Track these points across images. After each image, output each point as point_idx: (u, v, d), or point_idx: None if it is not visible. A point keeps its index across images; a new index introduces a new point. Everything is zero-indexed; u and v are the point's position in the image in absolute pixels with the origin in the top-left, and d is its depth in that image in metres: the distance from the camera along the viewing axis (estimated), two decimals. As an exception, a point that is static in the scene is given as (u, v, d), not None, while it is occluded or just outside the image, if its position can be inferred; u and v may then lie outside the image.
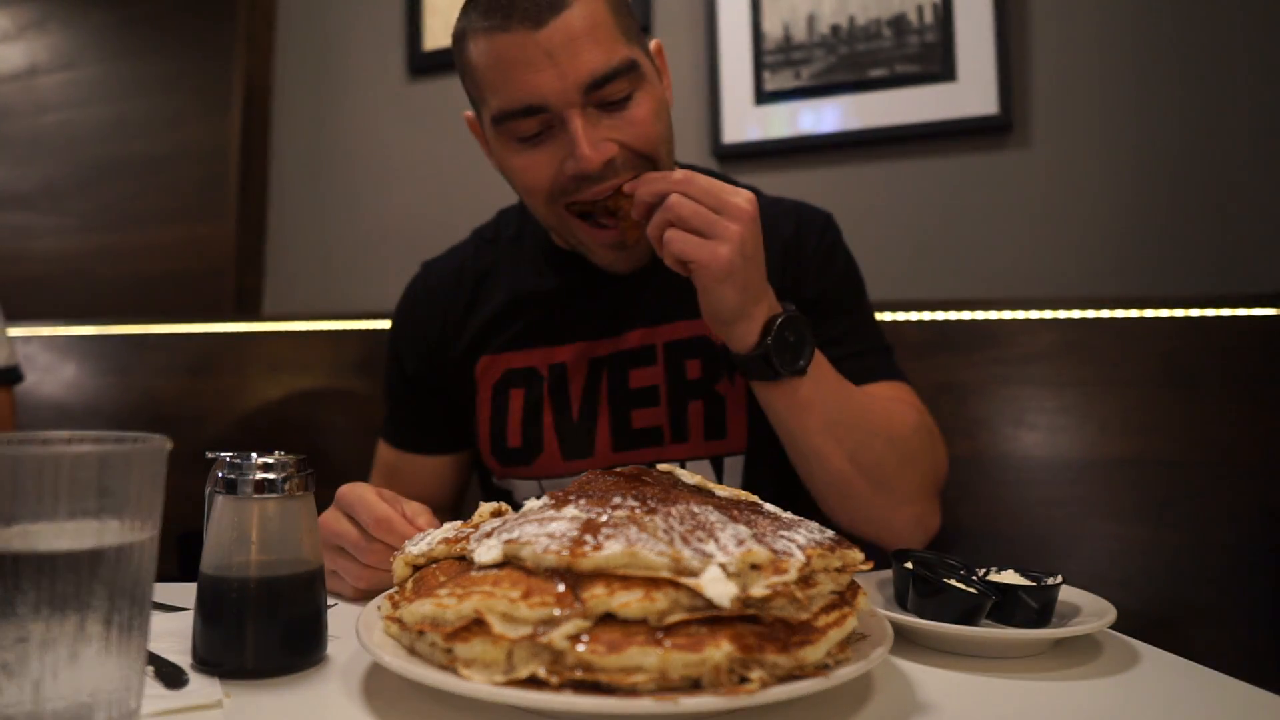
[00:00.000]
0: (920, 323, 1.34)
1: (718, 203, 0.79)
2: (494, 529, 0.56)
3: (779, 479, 1.00)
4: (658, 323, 1.01)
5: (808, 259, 1.03)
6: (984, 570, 0.76)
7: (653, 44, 0.96)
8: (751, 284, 0.82)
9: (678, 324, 1.01)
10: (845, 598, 0.55)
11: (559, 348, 1.03)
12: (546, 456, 1.02)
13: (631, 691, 0.45)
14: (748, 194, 0.81)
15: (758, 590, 0.49)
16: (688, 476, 0.69)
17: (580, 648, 0.46)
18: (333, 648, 0.63)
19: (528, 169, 0.90)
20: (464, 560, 0.56)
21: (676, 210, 0.79)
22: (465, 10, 0.91)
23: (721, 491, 0.67)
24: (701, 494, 0.65)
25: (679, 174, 0.81)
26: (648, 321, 1.01)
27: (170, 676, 0.57)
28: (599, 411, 1.01)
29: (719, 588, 0.47)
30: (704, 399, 1.00)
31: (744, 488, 0.99)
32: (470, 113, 1.01)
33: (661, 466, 0.72)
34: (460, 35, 0.91)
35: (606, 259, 0.97)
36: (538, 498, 0.63)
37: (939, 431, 1.00)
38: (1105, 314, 1.26)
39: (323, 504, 0.65)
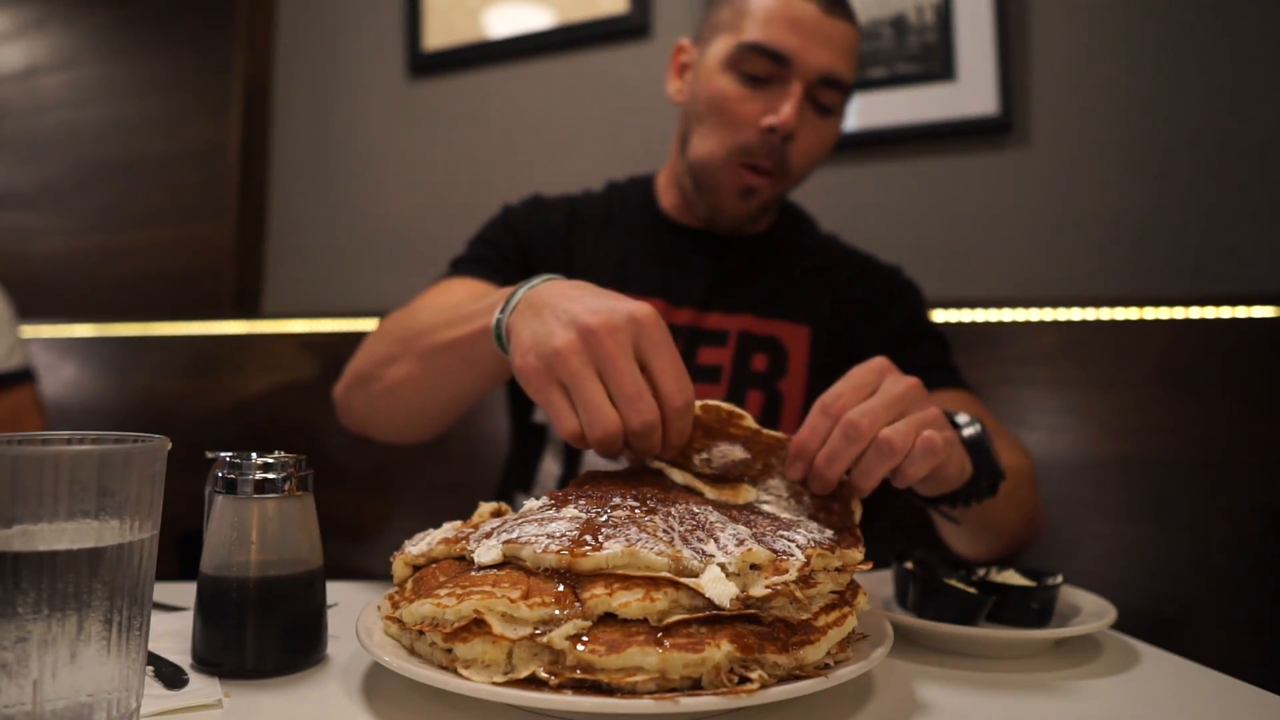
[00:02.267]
0: (920, 323, 1.34)
1: (890, 397, 0.64)
2: (494, 529, 0.56)
3: None
4: (735, 312, 1.08)
5: (898, 324, 1.13)
6: (984, 570, 0.76)
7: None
8: (951, 440, 0.69)
9: (751, 318, 1.08)
10: (845, 597, 0.55)
11: (641, 298, 0.95)
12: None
13: (631, 691, 0.45)
14: (883, 361, 0.68)
15: (758, 590, 0.49)
16: (678, 476, 0.68)
17: (580, 648, 0.46)
18: (333, 648, 0.63)
19: (736, 100, 1.00)
20: (464, 560, 0.56)
21: (902, 440, 0.62)
22: None
23: (711, 494, 0.66)
24: (695, 494, 0.65)
25: (844, 420, 0.63)
26: (726, 309, 1.08)
27: (170, 676, 0.57)
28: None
29: (719, 588, 0.47)
30: (764, 391, 1.05)
31: None
32: (687, 40, 1.12)
33: (652, 464, 0.69)
34: None
35: (738, 209, 1.05)
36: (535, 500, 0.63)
37: (1016, 439, 1.08)
38: (1105, 314, 1.26)
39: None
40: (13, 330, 1.59)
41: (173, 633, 0.65)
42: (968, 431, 0.75)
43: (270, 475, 0.60)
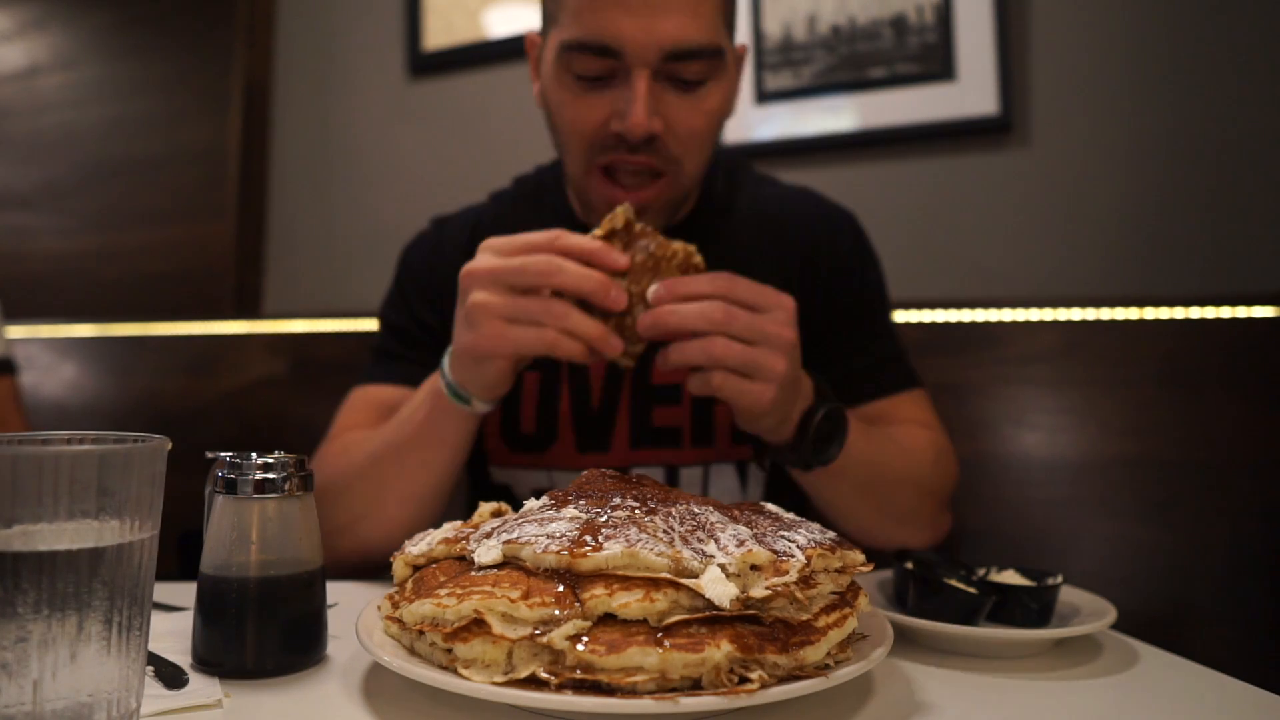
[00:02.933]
0: (920, 323, 1.34)
1: (761, 334, 0.72)
2: (494, 529, 0.56)
3: (799, 496, 0.98)
4: None
5: (839, 270, 1.00)
6: (984, 570, 0.76)
7: (740, 47, 0.92)
8: (790, 399, 0.77)
9: None
10: (846, 598, 0.55)
11: None
12: (561, 446, 0.97)
13: (631, 691, 0.45)
14: (788, 308, 0.75)
15: (758, 591, 0.49)
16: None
17: (580, 648, 0.46)
18: (333, 648, 0.63)
19: (576, 110, 0.85)
20: (464, 560, 0.56)
21: (723, 358, 0.72)
22: None
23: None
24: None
25: (718, 296, 0.72)
26: None
27: (170, 676, 0.57)
28: (619, 404, 0.96)
29: (719, 588, 0.47)
30: (748, 443, 0.94)
31: (766, 494, 0.99)
32: (534, 32, 0.94)
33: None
34: None
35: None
36: (537, 497, 0.63)
37: (949, 443, 1.00)
38: (1105, 314, 1.26)
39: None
40: None
41: (173, 633, 0.65)
42: (815, 422, 0.79)
43: (270, 475, 0.60)
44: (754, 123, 1.63)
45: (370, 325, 1.66)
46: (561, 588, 0.49)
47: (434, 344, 0.99)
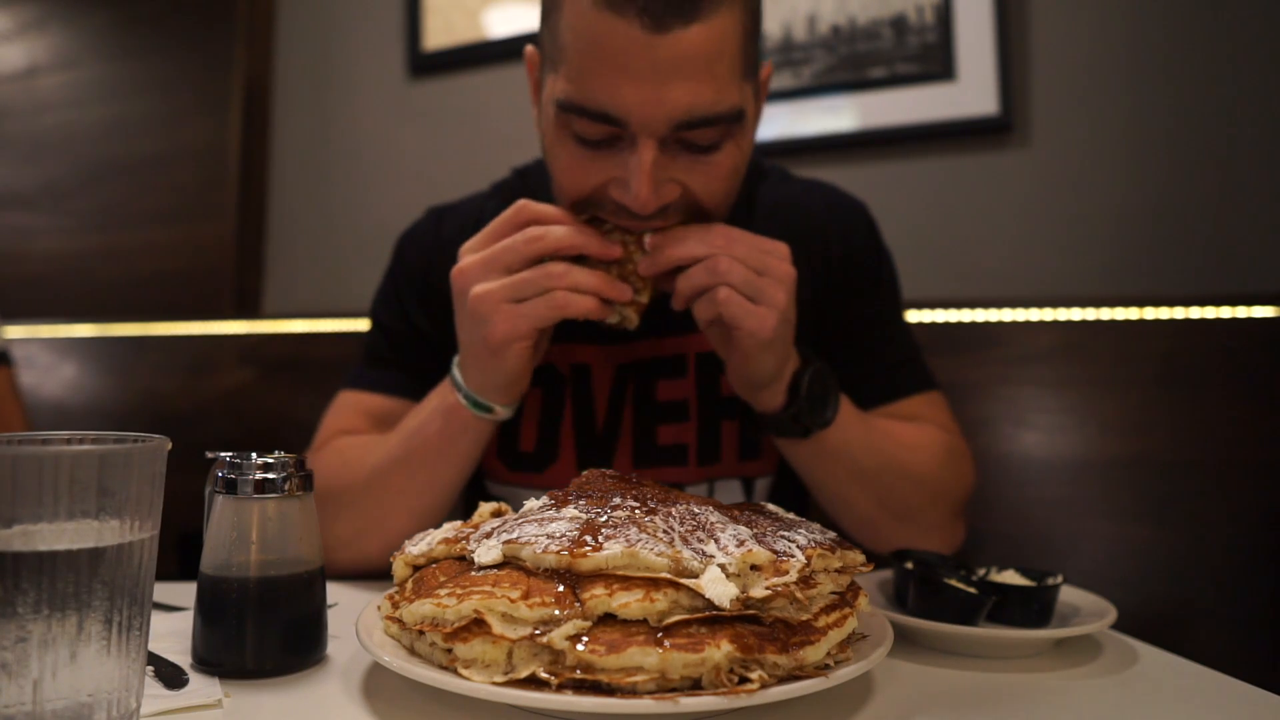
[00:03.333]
0: (920, 323, 1.34)
1: (762, 265, 0.73)
2: (494, 529, 0.56)
3: (804, 496, 0.99)
4: (688, 332, 0.91)
5: (856, 268, 0.97)
6: (984, 570, 0.76)
7: (764, 69, 0.84)
8: (788, 348, 0.78)
9: None
10: (846, 598, 0.55)
11: (579, 345, 0.93)
12: (562, 466, 0.94)
13: (631, 691, 0.45)
14: (784, 249, 0.76)
15: (758, 591, 0.49)
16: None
17: (580, 648, 0.46)
18: (333, 648, 0.63)
19: (573, 168, 0.77)
20: (464, 560, 0.56)
21: (726, 275, 0.72)
22: None
23: None
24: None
25: (717, 232, 0.74)
26: (680, 329, 0.92)
27: (170, 676, 0.57)
28: (622, 424, 0.93)
29: (719, 588, 0.47)
30: (740, 418, 0.93)
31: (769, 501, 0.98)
32: (533, 50, 0.85)
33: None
34: None
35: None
36: (537, 497, 0.63)
37: (965, 447, 0.98)
38: (1105, 314, 1.26)
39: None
40: None
41: (173, 633, 0.65)
42: (807, 378, 0.80)
43: (270, 475, 0.60)
44: (754, 123, 1.63)
45: (370, 325, 1.66)
46: (561, 588, 0.49)
47: (425, 349, 0.96)
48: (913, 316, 1.34)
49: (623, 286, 0.75)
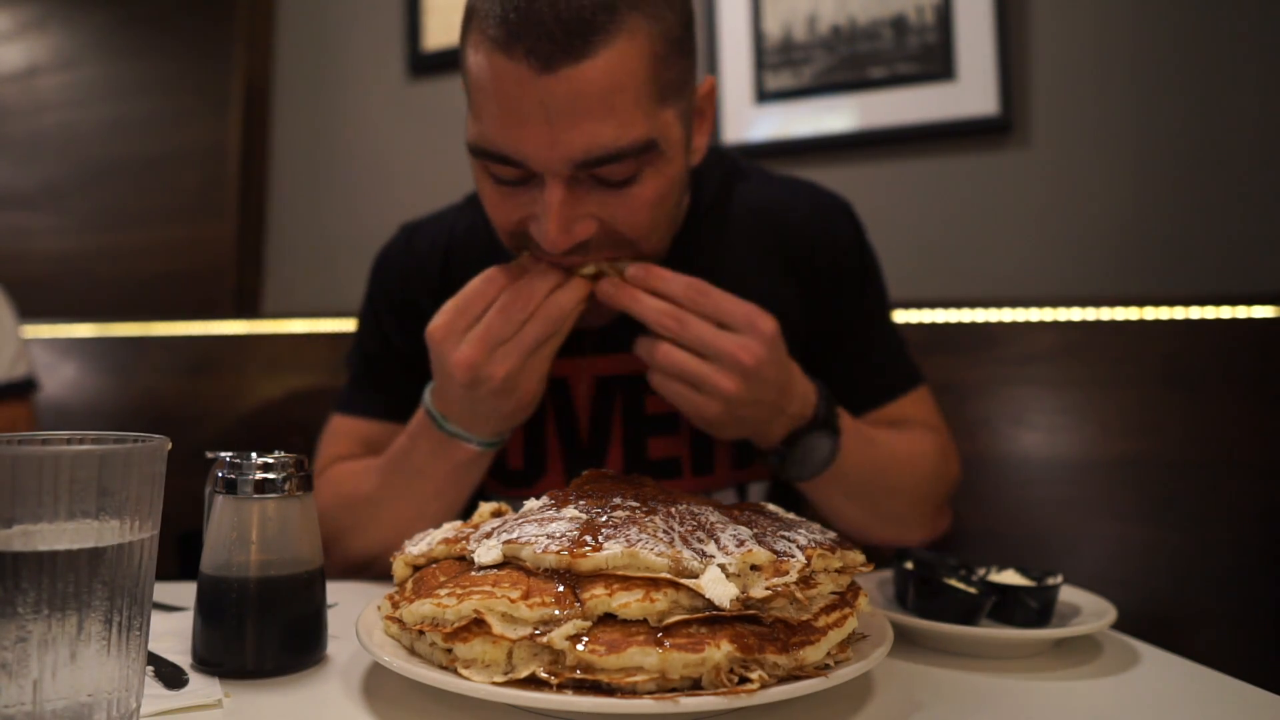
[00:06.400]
0: (920, 323, 1.34)
1: (714, 348, 0.71)
2: (494, 529, 0.57)
3: (799, 498, 0.99)
4: None
5: (840, 270, 0.95)
6: (984, 570, 0.76)
7: (704, 84, 0.81)
8: (758, 417, 0.76)
9: None
10: (846, 598, 0.55)
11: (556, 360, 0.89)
12: (551, 480, 0.93)
13: (631, 691, 0.45)
14: (763, 330, 0.73)
15: (758, 591, 0.49)
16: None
17: (580, 648, 0.46)
18: (333, 648, 0.63)
19: (494, 206, 0.77)
20: (464, 560, 0.56)
21: (664, 363, 0.73)
22: None
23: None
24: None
25: (670, 311, 0.72)
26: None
27: (170, 676, 0.57)
28: (610, 438, 0.92)
29: (719, 588, 0.47)
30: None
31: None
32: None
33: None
34: (470, 11, 0.72)
35: (590, 311, 0.87)
36: (537, 497, 0.63)
37: (952, 442, 0.99)
38: (1105, 314, 1.26)
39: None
40: (17, 337, 1.58)
41: (173, 633, 0.65)
42: (800, 449, 0.80)
43: (270, 475, 0.60)
44: (753, 122, 1.63)
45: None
46: (561, 588, 0.49)
47: (405, 369, 0.96)
48: (913, 316, 1.34)
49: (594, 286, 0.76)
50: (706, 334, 0.72)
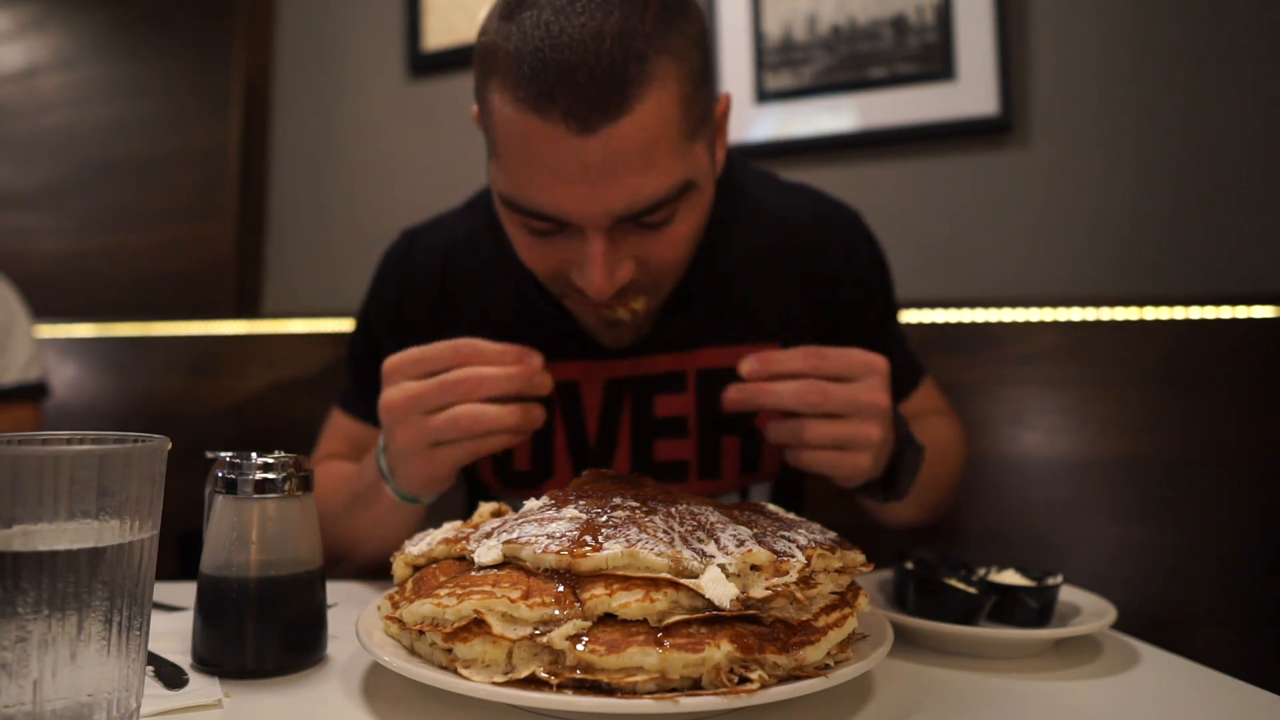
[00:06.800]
0: (920, 323, 1.34)
1: (854, 407, 0.70)
2: (494, 529, 0.56)
3: (800, 499, 1.03)
4: (687, 349, 0.90)
5: (851, 282, 0.95)
6: (984, 570, 0.76)
7: (720, 104, 0.80)
8: (885, 452, 0.76)
9: (709, 351, 0.91)
10: (846, 598, 0.55)
11: (564, 364, 0.90)
12: (558, 483, 0.92)
13: (631, 691, 0.45)
14: (880, 370, 0.72)
15: (758, 591, 0.49)
16: None
17: (580, 648, 0.46)
18: (333, 648, 0.63)
19: (528, 253, 0.77)
20: (464, 560, 0.56)
21: (817, 439, 0.71)
22: (502, 24, 0.67)
23: None
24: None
25: (810, 387, 0.70)
26: (676, 347, 0.90)
27: (170, 676, 0.57)
28: (618, 440, 0.91)
29: (719, 589, 0.47)
30: (740, 435, 0.91)
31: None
32: (476, 108, 0.82)
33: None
34: (489, 53, 0.69)
35: (608, 339, 0.88)
36: (537, 497, 0.63)
37: (959, 421, 1.07)
38: (1105, 314, 1.26)
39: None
40: (32, 340, 1.59)
41: (173, 633, 0.65)
42: (907, 465, 0.79)
43: (270, 475, 0.60)
44: (753, 122, 1.63)
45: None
46: (561, 588, 0.49)
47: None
48: (913, 316, 1.34)
49: (535, 415, 0.75)
50: (847, 394, 0.71)
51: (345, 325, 1.68)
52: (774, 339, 0.92)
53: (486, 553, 0.53)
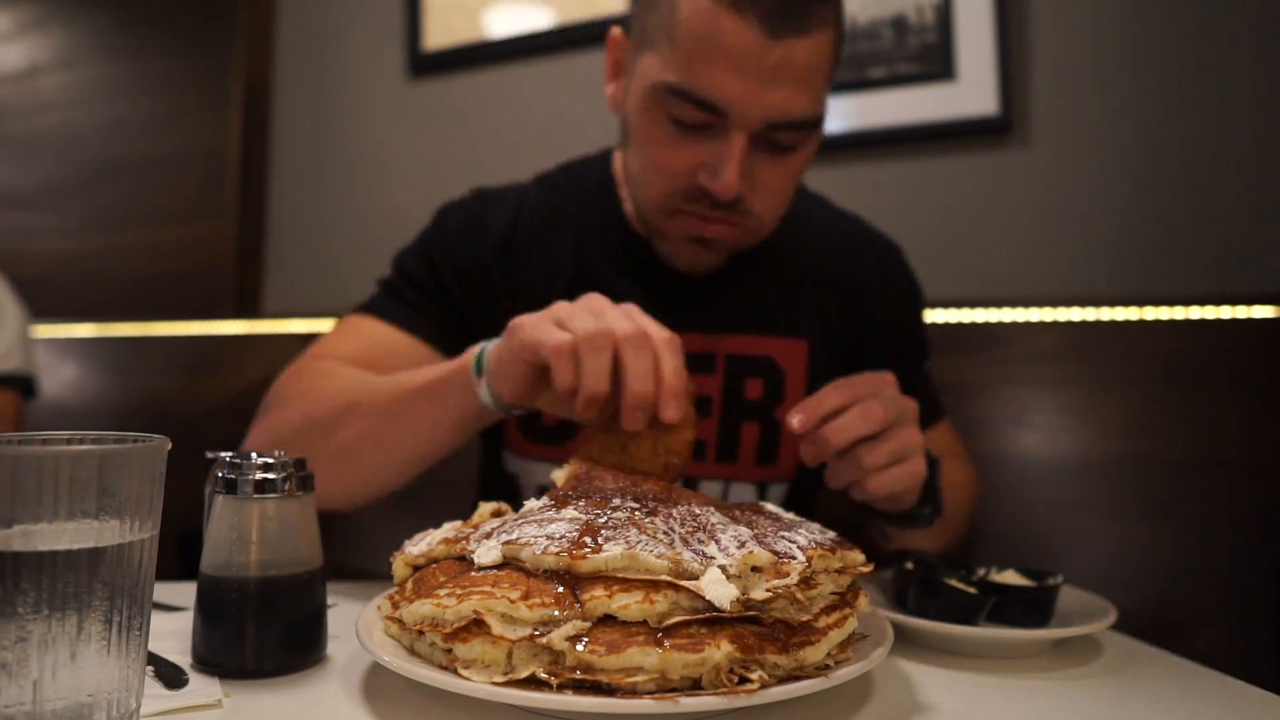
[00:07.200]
0: (920, 323, 1.34)
1: (898, 415, 0.72)
2: (494, 529, 0.56)
3: (814, 504, 1.03)
4: (720, 331, 0.94)
5: (887, 314, 1.01)
6: (984, 570, 0.76)
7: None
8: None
9: (740, 337, 0.94)
10: (846, 599, 0.55)
11: None
12: (582, 441, 0.93)
13: (631, 692, 0.45)
14: (890, 380, 0.74)
15: (758, 593, 0.49)
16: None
17: (580, 648, 0.46)
18: (333, 648, 0.63)
19: (665, 154, 0.82)
20: (464, 560, 0.56)
21: (875, 462, 0.71)
22: None
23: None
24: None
25: (854, 419, 0.70)
26: (709, 328, 0.93)
27: (170, 676, 0.57)
28: None
29: (719, 590, 0.47)
30: (761, 423, 0.93)
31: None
32: (619, 31, 0.89)
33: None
34: None
35: (688, 257, 0.89)
36: (538, 496, 0.63)
37: (975, 468, 1.08)
38: (1105, 314, 1.26)
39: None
40: (17, 330, 1.58)
41: (173, 633, 0.65)
42: (939, 486, 0.82)
43: (270, 475, 0.60)
44: (754, 123, 1.63)
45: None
46: (561, 588, 0.49)
47: (450, 309, 0.95)
48: (913, 316, 1.34)
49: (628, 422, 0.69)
50: (881, 412, 0.71)
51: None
52: (801, 337, 0.96)
53: (486, 553, 0.53)
